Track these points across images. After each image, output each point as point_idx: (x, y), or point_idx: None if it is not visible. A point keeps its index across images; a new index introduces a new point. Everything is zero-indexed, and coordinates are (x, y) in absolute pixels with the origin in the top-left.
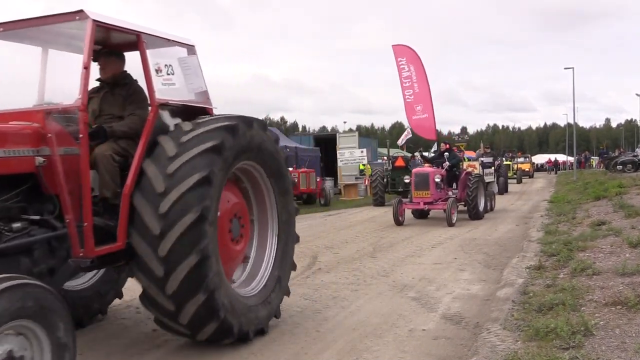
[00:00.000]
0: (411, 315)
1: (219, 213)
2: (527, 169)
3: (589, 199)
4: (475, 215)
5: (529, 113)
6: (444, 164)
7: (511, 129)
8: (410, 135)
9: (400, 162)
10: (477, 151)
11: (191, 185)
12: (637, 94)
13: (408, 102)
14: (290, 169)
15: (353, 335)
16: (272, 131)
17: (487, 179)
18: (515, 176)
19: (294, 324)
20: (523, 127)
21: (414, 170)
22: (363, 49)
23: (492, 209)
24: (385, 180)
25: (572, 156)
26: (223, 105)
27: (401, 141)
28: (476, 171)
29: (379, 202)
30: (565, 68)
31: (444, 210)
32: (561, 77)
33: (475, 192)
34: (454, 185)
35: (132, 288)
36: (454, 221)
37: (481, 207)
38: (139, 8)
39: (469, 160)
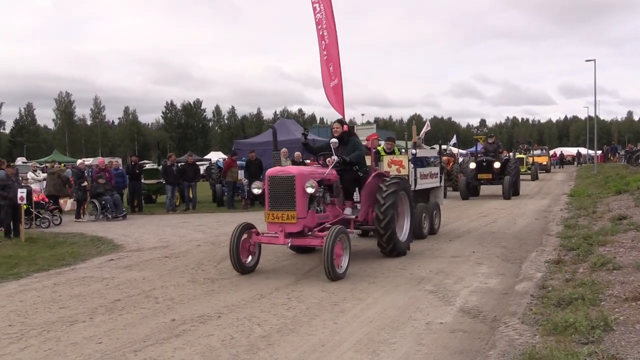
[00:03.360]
0: (428, 308)
1: None
2: (545, 163)
3: (610, 193)
4: (391, 249)
5: (548, 106)
6: (330, 159)
7: (531, 122)
8: (429, 128)
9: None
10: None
11: None
12: None
13: (324, 61)
14: (308, 160)
15: (370, 328)
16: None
17: (426, 183)
18: (529, 172)
19: (311, 316)
20: (543, 121)
21: (268, 172)
22: (377, 42)
23: (434, 231)
24: None
25: (593, 149)
26: (238, 97)
27: (422, 135)
28: (403, 171)
29: None
30: (587, 60)
31: (323, 253)
32: (579, 70)
33: (389, 212)
34: (357, 197)
35: (151, 278)
36: (340, 275)
37: (404, 234)
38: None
39: (398, 153)
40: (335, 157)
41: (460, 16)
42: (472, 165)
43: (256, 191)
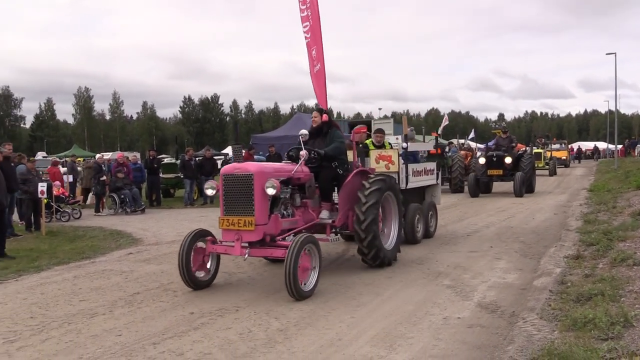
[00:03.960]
0: (446, 303)
1: None
2: (564, 157)
3: (631, 188)
4: (374, 257)
5: (566, 100)
6: (302, 153)
7: (550, 116)
8: (448, 122)
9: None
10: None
11: None
12: None
13: (308, 44)
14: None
15: (387, 322)
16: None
17: (420, 181)
18: (547, 167)
19: (328, 310)
20: (562, 114)
21: (222, 170)
22: (393, 36)
23: (430, 235)
24: None
25: (613, 144)
26: (255, 91)
27: (441, 129)
28: (393, 167)
29: None
30: (607, 54)
31: (285, 266)
32: (599, 64)
33: (369, 214)
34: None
35: (170, 272)
36: (306, 293)
37: (391, 241)
38: None
39: (388, 147)
40: (304, 152)
41: (478, 9)
42: (482, 160)
43: (210, 192)
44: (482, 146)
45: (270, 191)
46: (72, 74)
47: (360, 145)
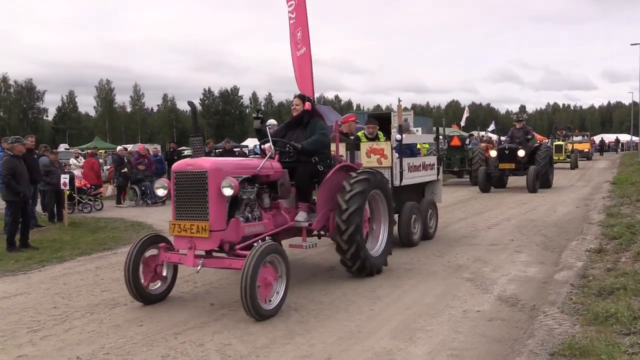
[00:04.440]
0: (466, 296)
1: None
2: (586, 150)
3: None
4: (359, 268)
5: (589, 91)
6: (266, 147)
7: (572, 108)
8: (469, 114)
9: (455, 142)
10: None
11: None
12: None
13: (292, 25)
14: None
15: (407, 314)
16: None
17: (417, 177)
18: (568, 159)
19: (348, 302)
20: (585, 106)
21: (173, 167)
22: (413, 28)
23: (429, 236)
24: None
25: (637, 136)
26: (277, 83)
27: (463, 122)
28: (385, 162)
29: None
30: (632, 44)
31: (241, 282)
32: (623, 54)
33: (352, 222)
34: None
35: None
36: (267, 312)
37: (379, 247)
38: None
39: (383, 139)
40: (268, 145)
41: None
42: (493, 153)
43: (160, 192)
44: (503, 138)
45: (227, 192)
46: (94, 67)
47: (352, 137)
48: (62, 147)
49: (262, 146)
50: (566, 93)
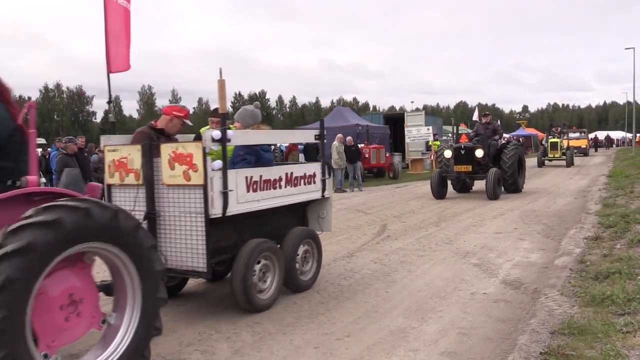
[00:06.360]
0: (473, 279)
1: None
2: (584, 146)
3: None
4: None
5: (586, 92)
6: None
7: (571, 107)
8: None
9: (464, 139)
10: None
11: None
12: None
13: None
14: (362, 145)
15: (419, 296)
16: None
17: (276, 198)
18: (564, 157)
19: (365, 285)
20: (582, 106)
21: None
22: (421, 34)
23: (300, 287)
24: None
25: (632, 132)
26: (298, 87)
27: (476, 117)
28: (195, 176)
29: None
30: (626, 48)
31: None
32: (618, 58)
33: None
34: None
35: None
36: None
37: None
38: (209, 1)
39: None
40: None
41: (501, 8)
42: (448, 153)
43: None
44: (507, 136)
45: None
46: (137, 74)
47: (172, 137)
48: None
49: None
50: (564, 94)
